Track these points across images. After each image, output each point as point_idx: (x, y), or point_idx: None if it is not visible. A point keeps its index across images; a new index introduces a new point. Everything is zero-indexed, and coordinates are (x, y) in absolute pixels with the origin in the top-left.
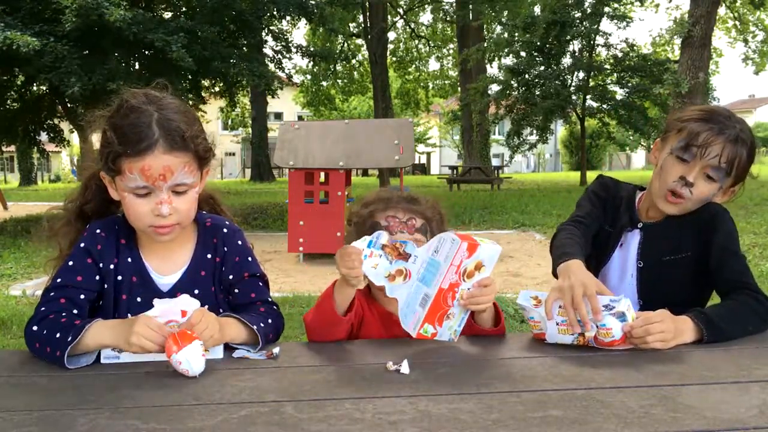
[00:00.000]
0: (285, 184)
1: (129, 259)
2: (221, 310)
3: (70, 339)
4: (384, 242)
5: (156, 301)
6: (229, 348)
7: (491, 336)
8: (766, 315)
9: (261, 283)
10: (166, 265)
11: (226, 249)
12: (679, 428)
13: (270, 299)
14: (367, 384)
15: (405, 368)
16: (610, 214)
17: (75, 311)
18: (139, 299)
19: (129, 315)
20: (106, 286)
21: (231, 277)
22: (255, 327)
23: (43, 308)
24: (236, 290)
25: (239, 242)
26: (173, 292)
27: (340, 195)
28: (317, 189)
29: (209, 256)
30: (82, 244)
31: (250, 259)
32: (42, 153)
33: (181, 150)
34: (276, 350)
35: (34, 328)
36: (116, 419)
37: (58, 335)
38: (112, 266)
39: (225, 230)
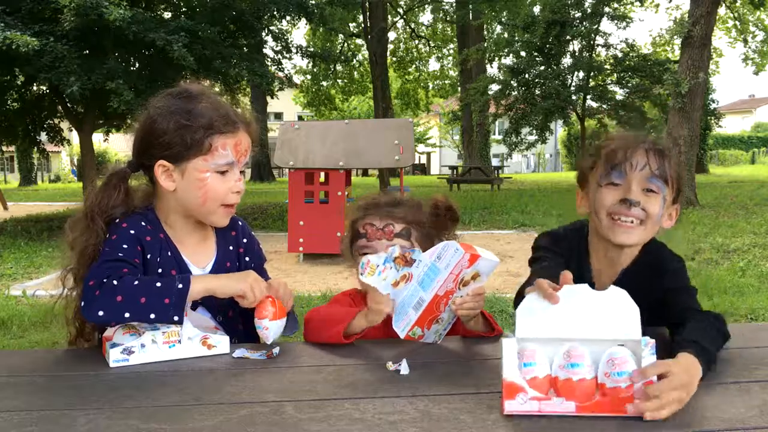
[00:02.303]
0: (285, 184)
1: (169, 253)
2: None
3: (181, 287)
4: (396, 255)
5: None
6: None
7: (490, 336)
8: (725, 329)
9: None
10: (198, 258)
11: (245, 240)
12: (679, 428)
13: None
14: (367, 384)
15: (405, 368)
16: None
17: None
18: None
19: None
20: None
21: (253, 266)
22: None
23: (108, 272)
24: None
25: (251, 233)
26: None
27: (340, 195)
28: (317, 189)
29: (231, 248)
30: (132, 231)
31: (261, 246)
32: (42, 153)
33: (248, 132)
34: (276, 350)
35: (115, 282)
36: (116, 419)
37: (158, 284)
38: (158, 258)
39: (240, 223)
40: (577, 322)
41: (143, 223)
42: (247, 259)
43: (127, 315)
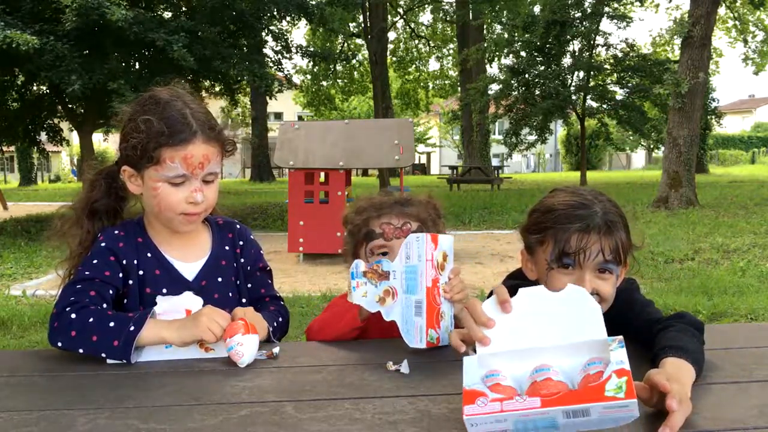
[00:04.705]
0: (285, 184)
1: (149, 254)
2: (244, 300)
3: (133, 329)
4: (363, 269)
5: (159, 299)
6: None
7: None
8: (695, 321)
9: (269, 280)
10: (187, 254)
11: (242, 242)
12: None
13: (277, 294)
14: (367, 384)
15: (405, 368)
16: None
17: (104, 305)
18: (165, 290)
19: None
20: (131, 281)
21: (249, 267)
22: (271, 329)
23: (72, 298)
24: (249, 285)
25: (251, 236)
26: (199, 281)
27: (340, 195)
28: (317, 189)
29: (227, 248)
30: (103, 244)
31: (261, 252)
32: (42, 153)
33: (214, 141)
34: (276, 350)
35: (73, 315)
36: (116, 419)
37: (111, 324)
38: (135, 261)
39: (238, 226)
40: (539, 328)
41: (116, 232)
42: (242, 260)
43: (81, 351)
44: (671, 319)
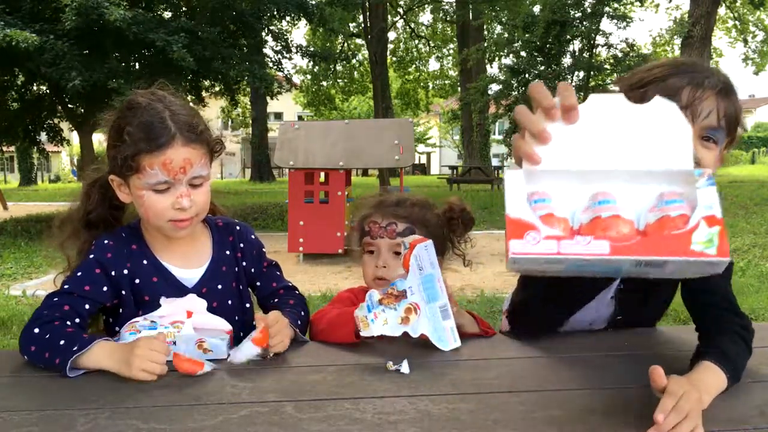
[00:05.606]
0: (285, 184)
1: (144, 262)
2: (248, 305)
3: (75, 349)
4: (378, 298)
5: (163, 300)
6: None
7: (490, 336)
8: (751, 343)
9: (278, 272)
10: (186, 263)
11: (242, 245)
12: None
13: (289, 284)
14: (367, 384)
15: (405, 368)
16: None
17: (77, 320)
18: (163, 298)
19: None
20: (123, 292)
21: (253, 270)
22: (297, 330)
23: (45, 312)
24: (258, 283)
25: (252, 236)
26: (199, 288)
27: (340, 195)
28: (317, 189)
29: (228, 252)
30: (92, 256)
31: (264, 250)
32: (42, 153)
33: (196, 143)
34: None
35: (36, 330)
36: (116, 419)
37: (62, 342)
38: (126, 271)
39: (238, 227)
40: (608, 146)
41: (106, 241)
42: (244, 264)
43: (41, 365)
44: (746, 320)
